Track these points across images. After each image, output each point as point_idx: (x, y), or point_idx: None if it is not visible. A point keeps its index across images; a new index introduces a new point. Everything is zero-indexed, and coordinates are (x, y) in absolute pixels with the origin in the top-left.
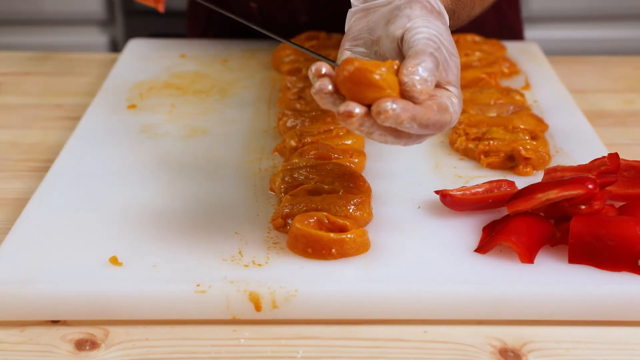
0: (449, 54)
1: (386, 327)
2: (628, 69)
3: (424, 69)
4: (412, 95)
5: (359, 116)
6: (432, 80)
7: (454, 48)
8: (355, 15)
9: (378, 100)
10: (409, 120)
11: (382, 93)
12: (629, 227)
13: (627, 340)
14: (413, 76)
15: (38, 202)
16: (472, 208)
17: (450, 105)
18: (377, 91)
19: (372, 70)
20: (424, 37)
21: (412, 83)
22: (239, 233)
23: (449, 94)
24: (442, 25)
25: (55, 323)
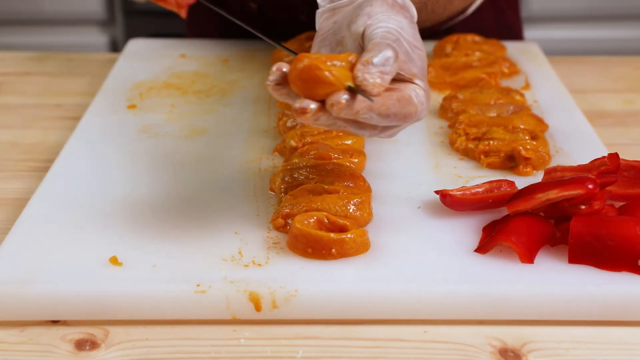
0: (411, 46)
1: (386, 327)
2: (628, 69)
3: (378, 61)
4: (365, 88)
5: (313, 112)
6: (388, 72)
7: (418, 41)
8: (322, 15)
9: (330, 94)
10: (366, 110)
11: (332, 88)
12: (629, 227)
13: (627, 340)
14: (365, 69)
15: (38, 202)
16: (472, 208)
17: (414, 97)
18: (327, 87)
19: (321, 67)
20: (382, 31)
21: (363, 77)
22: (239, 233)
23: (413, 86)
24: (403, 19)
25: (55, 323)
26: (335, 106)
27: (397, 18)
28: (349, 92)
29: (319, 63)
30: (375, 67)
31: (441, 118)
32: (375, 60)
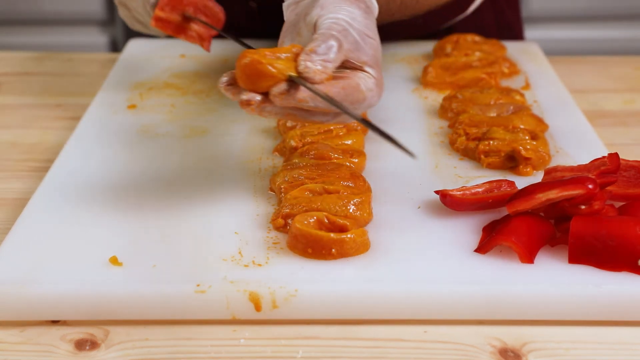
0: (362, 36)
1: (386, 327)
2: (628, 69)
3: (321, 50)
4: (308, 76)
5: (257, 103)
6: (331, 59)
7: (372, 30)
8: (288, 8)
9: (273, 85)
10: (310, 98)
11: (274, 80)
12: (629, 227)
13: (627, 340)
14: (308, 58)
15: (38, 202)
16: (472, 208)
17: (362, 84)
18: (269, 79)
19: (262, 61)
20: (329, 22)
21: (305, 65)
22: (239, 233)
23: (363, 74)
24: (356, 9)
25: (55, 323)
26: (277, 97)
27: (349, 8)
28: (291, 81)
29: (260, 57)
30: (318, 55)
31: (441, 118)
32: (319, 49)
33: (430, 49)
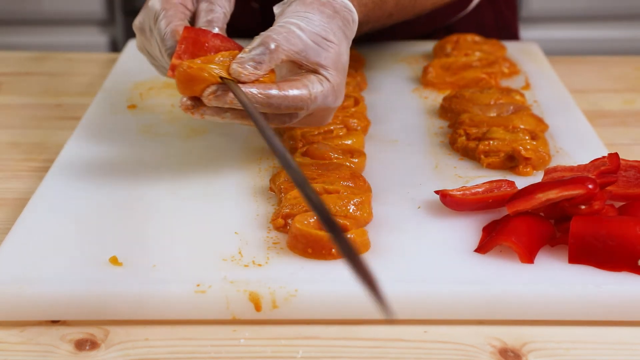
0: (316, 39)
1: (386, 327)
2: (628, 69)
3: (254, 53)
4: (237, 77)
5: (192, 106)
6: (263, 61)
7: (333, 34)
8: (276, 10)
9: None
10: (245, 98)
11: (206, 83)
12: (629, 227)
13: (627, 340)
14: (240, 60)
15: (38, 202)
16: (472, 208)
17: (309, 85)
18: (201, 83)
19: (193, 67)
20: (276, 26)
21: (235, 67)
22: (239, 233)
23: (315, 76)
24: (316, 14)
25: (55, 323)
26: (207, 98)
27: (306, 13)
28: (223, 84)
29: (191, 63)
30: (250, 56)
31: (441, 118)
32: (253, 51)
33: (430, 49)
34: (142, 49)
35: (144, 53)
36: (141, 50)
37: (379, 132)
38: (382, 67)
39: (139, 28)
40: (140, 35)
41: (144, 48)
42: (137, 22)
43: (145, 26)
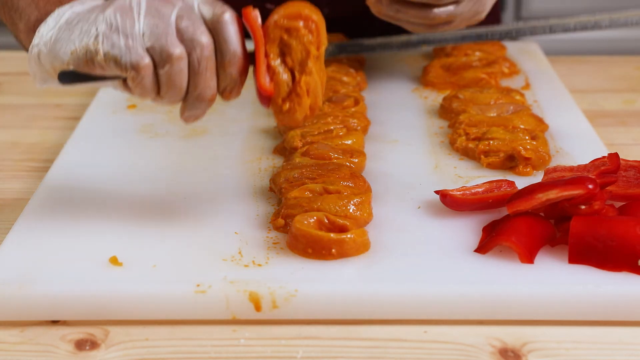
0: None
1: (386, 327)
2: (628, 69)
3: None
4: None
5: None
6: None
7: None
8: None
9: None
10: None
11: None
12: (629, 227)
13: (627, 340)
14: None
15: (38, 202)
16: (472, 208)
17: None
18: None
19: None
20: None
21: None
22: (239, 233)
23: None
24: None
25: (55, 323)
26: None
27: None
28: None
29: None
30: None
31: (441, 118)
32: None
33: (430, 49)
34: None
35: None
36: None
37: (379, 132)
38: (382, 67)
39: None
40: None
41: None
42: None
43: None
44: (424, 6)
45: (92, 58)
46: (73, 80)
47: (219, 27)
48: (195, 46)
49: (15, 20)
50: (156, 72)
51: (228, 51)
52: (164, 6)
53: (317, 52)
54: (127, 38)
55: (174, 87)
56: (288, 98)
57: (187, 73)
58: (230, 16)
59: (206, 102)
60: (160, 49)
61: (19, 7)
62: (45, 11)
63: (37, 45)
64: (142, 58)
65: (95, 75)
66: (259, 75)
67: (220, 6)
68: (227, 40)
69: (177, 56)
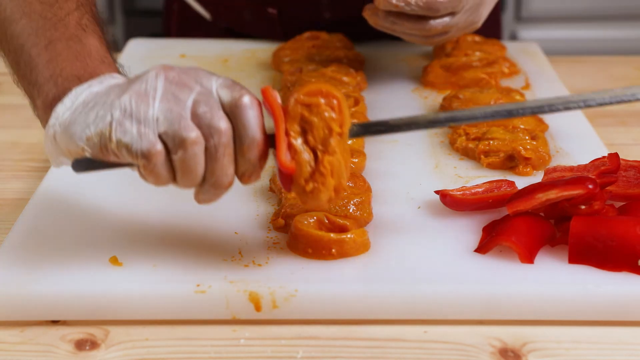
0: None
1: (386, 327)
2: (628, 69)
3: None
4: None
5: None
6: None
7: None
8: None
9: None
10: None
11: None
12: (629, 227)
13: (627, 340)
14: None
15: (38, 202)
16: (472, 208)
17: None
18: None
19: None
20: None
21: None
22: (239, 233)
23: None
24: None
25: (55, 323)
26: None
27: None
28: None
29: None
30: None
31: None
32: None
33: (430, 49)
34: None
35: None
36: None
37: None
38: (382, 67)
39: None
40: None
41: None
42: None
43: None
44: (420, 18)
45: (106, 145)
46: (87, 169)
47: (238, 111)
48: (212, 133)
49: (34, 96)
50: (170, 158)
51: (247, 136)
52: (181, 90)
53: (340, 130)
54: (140, 124)
55: (189, 173)
56: (311, 179)
57: (203, 158)
58: (249, 100)
59: (223, 189)
60: (173, 134)
61: (38, 82)
62: (63, 88)
63: (53, 125)
64: (153, 145)
65: (110, 162)
66: (280, 155)
67: (238, 90)
68: (246, 125)
69: (192, 141)
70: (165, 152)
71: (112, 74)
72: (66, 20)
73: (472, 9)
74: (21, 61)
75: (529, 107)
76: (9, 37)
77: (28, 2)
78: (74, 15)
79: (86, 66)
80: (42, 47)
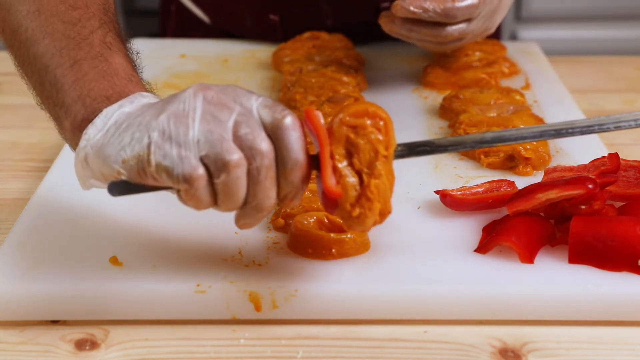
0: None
1: (386, 327)
2: (628, 69)
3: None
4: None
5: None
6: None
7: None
8: None
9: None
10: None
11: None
12: (629, 227)
13: (627, 340)
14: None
15: (38, 202)
16: (472, 208)
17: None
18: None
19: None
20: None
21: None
22: (239, 233)
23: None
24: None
25: (55, 323)
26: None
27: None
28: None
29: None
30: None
31: (441, 118)
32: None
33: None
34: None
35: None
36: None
37: None
38: (382, 67)
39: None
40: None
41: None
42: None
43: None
44: (436, 25)
45: (144, 168)
46: (124, 192)
47: (280, 133)
48: (255, 155)
49: (61, 117)
50: (212, 181)
51: (290, 159)
52: (221, 111)
53: (386, 153)
54: (180, 147)
55: (232, 197)
56: (357, 203)
57: (245, 181)
58: (292, 120)
59: (265, 211)
60: (215, 157)
61: (65, 103)
62: (92, 109)
63: (84, 148)
64: (195, 169)
65: (147, 185)
66: (325, 178)
67: (280, 110)
68: (289, 147)
69: (235, 164)
70: (207, 176)
71: (142, 92)
72: (90, 38)
73: (488, 15)
74: (46, 82)
75: (579, 127)
76: (31, 58)
77: (50, 22)
78: (98, 33)
79: (114, 85)
80: (67, 68)
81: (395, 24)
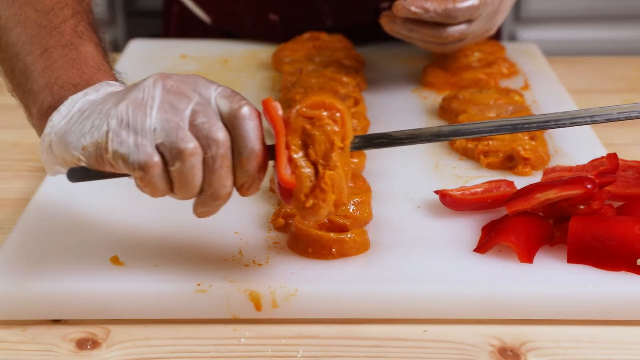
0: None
1: (386, 326)
2: (628, 69)
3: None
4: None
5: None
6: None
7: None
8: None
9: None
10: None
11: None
12: (627, 227)
13: (627, 340)
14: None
15: (39, 202)
16: (471, 208)
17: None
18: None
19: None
20: None
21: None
22: (239, 233)
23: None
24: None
25: (57, 322)
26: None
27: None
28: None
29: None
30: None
31: (441, 118)
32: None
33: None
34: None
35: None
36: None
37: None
38: (382, 67)
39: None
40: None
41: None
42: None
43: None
44: (437, 25)
45: (102, 155)
46: (82, 178)
47: (237, 122)
48: (210, 144)
49: (29, 104)
50: (167, 169)
51: (246, 148)
52: (179, 100)
53: (342, 144)
54: (137, 135)
55: (187, 185)
56: (311, 194)
57: (201, 170)
58: (248, 110)
59: (221, 200)
60: (170, 145)
61: (33, 91)
62: (59, 97)
63: (48, 134)
64: (150, 157)
65: (106, 172)
66: (279, 168)
67: (238, 100)
68: (245, 136)
69: (189, 152)
70: (163, 164)
71: (109, 81)
72: (62, 27)
73: (489, 16)
74: (16, 69)
75: (535, 122)
76: (3, 45)
77: (23, 10)
78: (70, 22)
79: (82, 74)
80: (37, 55)
81: (396, 24)
